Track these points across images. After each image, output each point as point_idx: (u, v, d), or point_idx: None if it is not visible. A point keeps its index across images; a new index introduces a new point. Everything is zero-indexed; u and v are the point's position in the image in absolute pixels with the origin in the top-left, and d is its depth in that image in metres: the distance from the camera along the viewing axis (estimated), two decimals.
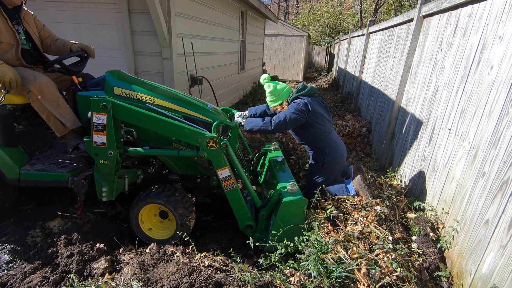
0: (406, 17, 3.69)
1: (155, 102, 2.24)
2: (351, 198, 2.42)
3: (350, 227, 2.06)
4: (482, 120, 1.86)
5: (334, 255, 1.76)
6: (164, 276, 1.65)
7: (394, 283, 1.63)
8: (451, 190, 2.12)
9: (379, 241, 1.89)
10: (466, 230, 1.85)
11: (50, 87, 2.22)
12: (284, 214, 2.10)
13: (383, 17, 16.17)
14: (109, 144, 2.00)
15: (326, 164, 2.68)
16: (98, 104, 1.92)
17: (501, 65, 1.76)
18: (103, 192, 2.17)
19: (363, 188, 2.41)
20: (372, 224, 2.07)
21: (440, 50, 2.65)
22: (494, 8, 1.93)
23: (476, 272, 1.67)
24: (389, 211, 2.28)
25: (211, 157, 2.06)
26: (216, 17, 5.55)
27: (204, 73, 4.97)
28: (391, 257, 1.76)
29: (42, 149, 2.62)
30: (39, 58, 2.51)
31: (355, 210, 2.26)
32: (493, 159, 1.69)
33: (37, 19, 2.55)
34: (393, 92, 3.73)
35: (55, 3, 3.90)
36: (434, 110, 2.58)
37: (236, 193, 2.17)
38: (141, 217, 2.33)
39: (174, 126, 2.04)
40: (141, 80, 2.51)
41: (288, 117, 2.50)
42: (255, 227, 2.26)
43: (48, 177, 2.27)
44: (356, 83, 7.00)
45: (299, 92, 2.66)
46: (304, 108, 2.52)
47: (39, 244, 2.17)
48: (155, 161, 2.48)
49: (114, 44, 3.94)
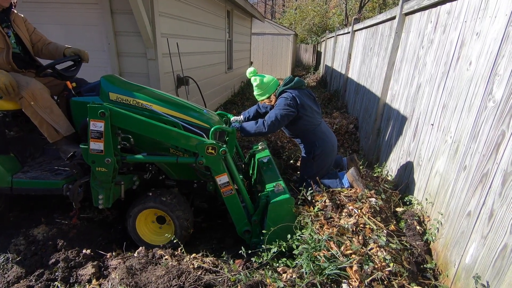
0: (389, 15, 3.75)
1: (151, 109, 2.21)
2: (346, 190, 2.40)
3: (344, 220, 2.05)
4: (463, 114, 1.91)
5: (327, 252, 1.76)
6: (152, 279, 1.63)
7: (386, 277, 1.65)
8: (435, 183, 2.17)
9: (374, 234, 1.90)
10: (450, 222, 1.90)
11: (43, 93, 2.16)
12: (274, 215, 2.11)
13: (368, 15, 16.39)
14: (106, 152, 1.97)
15: (317, 156, 2.67)
16: (96, 111, 1.87)
17: (479, 61, 1.81)
18: (100, 200, 2.13)
19: (357, 180, 2.40)
20: (366, 216, 2.06)
21: (421, 47, 2.71)
22: (471, 5, 1.98)
23: (460, 263, 1.72)
24: (384, 204, 2.28)
25: (210, 164, 2.05)
26: (202, 16, 5.50)
27: (190, 73, 4.93)
28: (384, 252, 1.78)
29: (34, 155, 2.55)
30: (30, 62, 2.45)
31: (349, 202, 2.24)
32: (473, 153, 1.74)
33: (28, 22, 2.49)
34: (378, 89, 3.78)
35: (35, 4, 3.79)
36: (418, 106, 2.64)
37: (235, 199, 2.17)
38: (138, 224, 2.28)
39: (173, 133, 2.02)
40: (137, 85, 2.48)
41: (279, 115, 2.49)
42: (253, 233, 2.26)
43: (42, 184, 2.22)
44: (342, 80, 7.08)
45: (286, 85, 2.64)
46: (293, 102, 2.51)
47: (23, 252, 2.11)
48: (151, 166, 2.45)
49: (97, 45, 3.86)
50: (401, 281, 1.65)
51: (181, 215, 2.22)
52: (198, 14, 5.29)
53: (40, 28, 2.63)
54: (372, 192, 2.33)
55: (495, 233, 1.47)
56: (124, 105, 2.19)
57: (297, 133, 2.77)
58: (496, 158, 1.54)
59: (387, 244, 1.84)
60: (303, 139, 2.78)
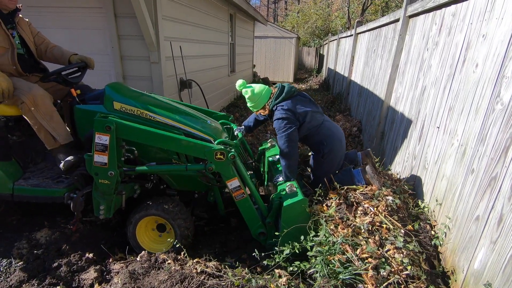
0: (392, 17, 3.74)
1: (156, 119, 2.22)
2: (361, 188, 2.29)
3: (359, 218, 1.96)
4: (470, 117, 1.88)
5: (342, 256, 1.70)
6: (155, 284, 1.61)
7: (403, 281, 1.60)
8: (442, 187, 2.14)
9: (391, 235, 1.83)
10: (458, 226, 1.87)
11: (45, 99, 2.16)
12: (288, 217, 2.09)
13: (371, 18, 16.40)
14: (110, 165, 1.96)
15: (326, 154, 2.59)
16: (102, 124, 1.87)
17: (486, 63, 1.78)
18: (101, 210, 2.13)
19: (373, 177, 2.30)
20: (382, 214, 1.97)
21: (426, 49, 2.69)
22: (477, 7, 1.96)
23: (468, 268, 1.68)
24: (402, 204, 2.19)
25: (220, 169, 2.05)
26: (205, 20, 5.52)
27: (193, 76, 4.94)
28: (402, 254, 1.70)
29: (35, 160, 2.54)
30: (34, 65, 2.45)
31: (365, 200, 2.14)
32: (481, 156, 1.71)
33: (32, 26, 2.51)
34: (382, 92, 3.76)
35: (39, 8, 3.82)
36: (423, 108, 2.61)
37: (247, 203, 2.16)
38: (139, 231, 2.27)
39: (182, 141, 2.02)
40: (142, 94, 2.48)
41: (288, 135, 2.38)
42: (268, 234, 2.25)
43: (44, 192, 2.21)
44: (345, 83, 7.06)
45: (277, 98, 2.53)
46: (290, 115, 2.43)
47: (26, 256, 2.10)
48: (153, 176, 2.45)
49: (100, 49, 3.88)
50: (419, 284, 1.59)
51: (182, 223, 2.21)
52: (201, 17, 5.30)
53: (45, 32, 2.64)
54: (389, 191, 2.22)
55: (504, 238, 1.44)
56: (128, 115, 2.19)
57: (302, 140, 2.70)
58: (505, 161, 1.51)
59: (404, 245, 1.77)
60: (310, 142, 2.72)
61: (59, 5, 3.77)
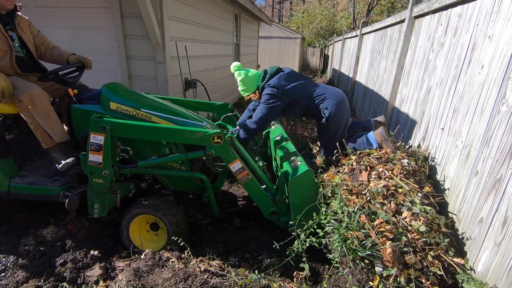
0: (398, 18, 3.72)
1: (151, 119, 2.24)
2: (375, 152, 2.18)
3: (373, 183, 1.85)
4: (474, 119, 1.87)
5: (359, 233, 1.61)
6: (159, 282, 1.63)
7: (420, 249, 1.56)
8: (445, 188, 2.13)
9: (407, 199, 1.74)
10: (461, 228, 1.86)
11: (42, 98, 2.18)
12: (296, 193, 2.04)
13: (376, 18, 16.31)
14: (104, 164, 1.99)
15: (330, 118, 2.54)
16: (97, 124, 1.90)
17: (492, 64, 1.77)
18: (95, 209, 2.15)
19: (387, 139, 2.20)
20: (398, 177, 1.86)
21: (431, 50, 2.67)
22: (483, 8, 1.95)
23: (471, 270, 1.67)
24: (418, 167, 2.04)
25: (219, 153, 2.03)
26: (210, 20, 5.55)
27: (198, 76, 4.96)
28: (419, 221, 1.63)
29: (32, 159, 2.57)
30: (34, 66, 2.47)
31: (379, 164, 2.02)
32: (485, 158, 1.70)
33: (32, 25, 2.51)
34: (387, 93, 3.75)
35: (47, 8, 3.88)
36: (427, 109, 2.60)
37: (253, 183, 2.14)
38: (133, 236, 2.27)
39: (176, 131, 2.03)
40: (139, 94, 2.49)
41: (265, 108, 2.46)
42: (280, 213, 2.21)
43: (39, 190, 2.23)
44: (350, 84, 7.04)
45: (264, 79, 2.60)
46: (276, 92, 2.47)
47: (32, 252, 2.14)
48: (148, 176, 2.46)
49: (106, 49, 3.92)
50: (436, 251, 1.54)
51: (167, 212, 2.19)
52: (206, 17, 5.33)
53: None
54: (404, 154, 2.10)
55: (509, 241, 1.43)
56: (124, 115, 2.22)
57: (301, 113, 2.68)
58: (510, 163, 1.50)
59: (422, 210, 1.68)
60: (311, 112, 2.66)
61: (66, 5, 3.82)
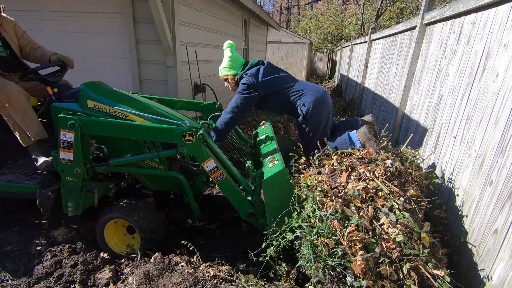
0: (408, 25, 3.71)
1: (128, 117, 2.21)
2: (357, 152, 2.07)
3: (351, 184, 1.73)
4: (489, 127, 1.85)
5: (329, 241, 1.50)
6: (169, 286, 1.63)
7: (395, 259, 1.45)
8: (458, 198, 2.10)
9: (387, 204, 1.62)
10: (474, 239, 1.83)
11: (19, 96, 2.19)
12: (270, 193, 1.96)
13: (385, 24, 16.26)
14: (75, 162, 1.99)
15: (308, 116, 2.45)
16: (66, 121, 1.90)
17: (507, 73, 1.75)
18: (69, 207, 2.15)
19: (370, 139, 2.10)
20: (379, 179, 1.74)
21: (444, 57, 2.65)
22: (498, 16, 1.94)
23: (486, 283, 1.64)
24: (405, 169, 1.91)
25: (192, 152, 1.99)
26: (220, 25, 5.60)
27: (207, 80, 5.00)
28: (397, 229, 1.49)
29: (15, 157, 2.56)
30: (18, 66, 2.49)
31: (360, 165, 1.91)
32: (500, 167, 1.67)
33: (17, 26, 2.54)
34: (397, 99, 3.72)
35: (61, 13, 3.96)
36: (439, 117, 2.57)
37: (228, 183, 2.09)
38: (110, 242, 2.25)
39: (146, 128, 2.01)
40: (120, 93, 2.47)
41: (240, 99, 2.46)
42: (258, 215, 2.15)
43: (16, 188, 2.22)
44: (358, 89, 7.01)
45: (243, 70, 2.61)
46: (251, 82, 2.46)
47: (44, 253, 2.16)
48: (128, 175, 2.45)
49: (119, 53, 3.98)
50: (414, 262, 1.43)
51: (140, 216, 2.15)
52: (216, 23, 5.39)
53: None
54: (389, 155, 1.99)
55: None
56: (100, 113, 2.21)
57: (279, 109, 2.64)
58: None
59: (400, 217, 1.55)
60: (288, 109, 2.59)
61: (80, 10, 3.90)
